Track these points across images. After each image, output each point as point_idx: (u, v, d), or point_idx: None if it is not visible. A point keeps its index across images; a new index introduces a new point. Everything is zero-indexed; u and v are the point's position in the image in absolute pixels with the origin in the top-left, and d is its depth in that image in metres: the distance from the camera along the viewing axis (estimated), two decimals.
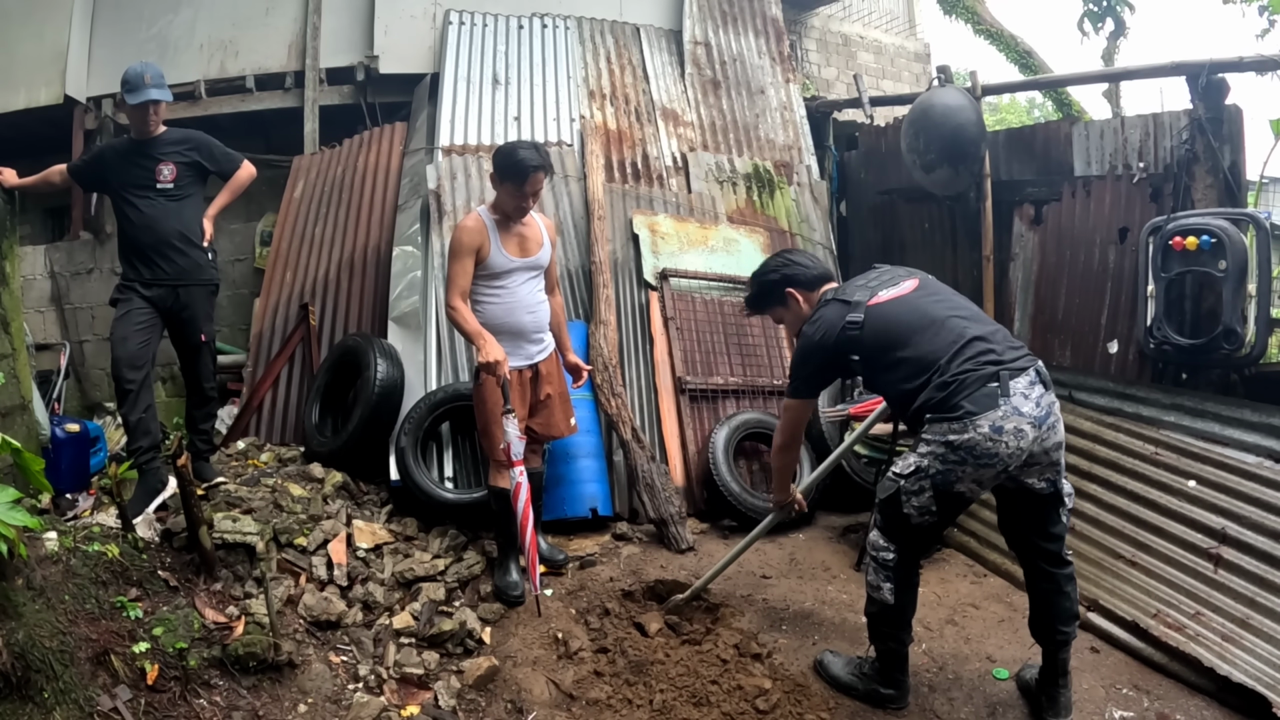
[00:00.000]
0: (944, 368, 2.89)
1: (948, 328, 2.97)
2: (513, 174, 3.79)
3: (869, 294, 3.12)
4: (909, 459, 2.99)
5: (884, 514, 3.07)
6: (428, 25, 7.09)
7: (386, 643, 3.57)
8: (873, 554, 3.12)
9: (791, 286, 3.38)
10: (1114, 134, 5.65)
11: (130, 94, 4.09)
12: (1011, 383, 2.83)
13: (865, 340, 3.06)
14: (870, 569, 3.13)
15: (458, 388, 4.87)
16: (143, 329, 4.10)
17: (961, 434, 2.81)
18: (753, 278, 3.54)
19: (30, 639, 2.70)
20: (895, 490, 2.99)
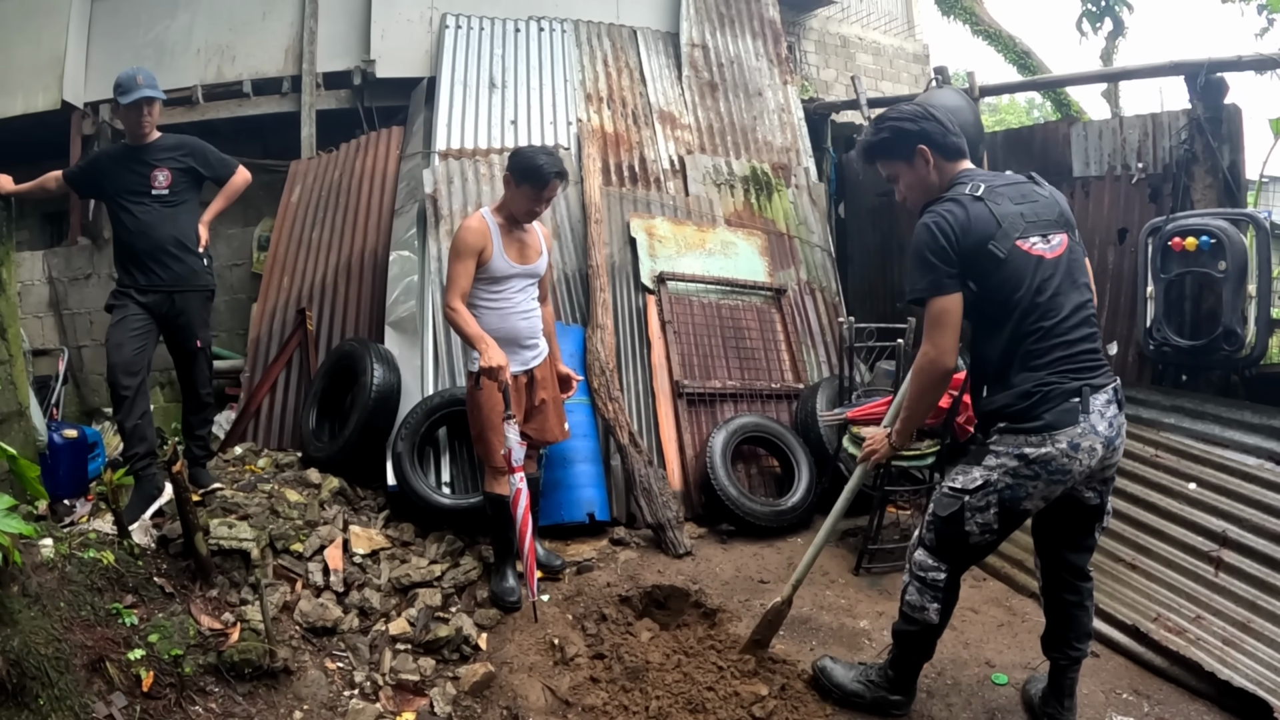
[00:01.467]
0: (1037, 368, 2.71)
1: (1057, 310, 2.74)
2: (532, 178, 3.79)
3: (1019, 230, 2.74)
4: (974, 473, 2.79)
5: (940, 532, 2.88)
6: (424, 29, 7.10)
7: (382, 649, 3.56)
8: (919, 574, 2.94)
9: (926, 144, 2.87)
10: (1113, 134, 5.64)
11: (123, 95, 4.09)
12: (1092, 399, 2.70)
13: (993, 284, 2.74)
14: (913, 589, 2.96)
15: (454, 393, 4.86)
16: (138, 335, 4.09)
17: (1039, 448, 2.68)
18: (882, 120, 2.99)
19: (26, 646, 2.69)
20: (959, 507, 2.80)
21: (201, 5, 7.45)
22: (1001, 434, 2.76)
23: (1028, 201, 2.81)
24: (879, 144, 2.96)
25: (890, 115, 2.98)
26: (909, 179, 2.95)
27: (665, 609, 4.07)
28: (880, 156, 2.99)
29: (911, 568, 2.98)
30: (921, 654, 3.08)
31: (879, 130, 2.97)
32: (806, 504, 5.03)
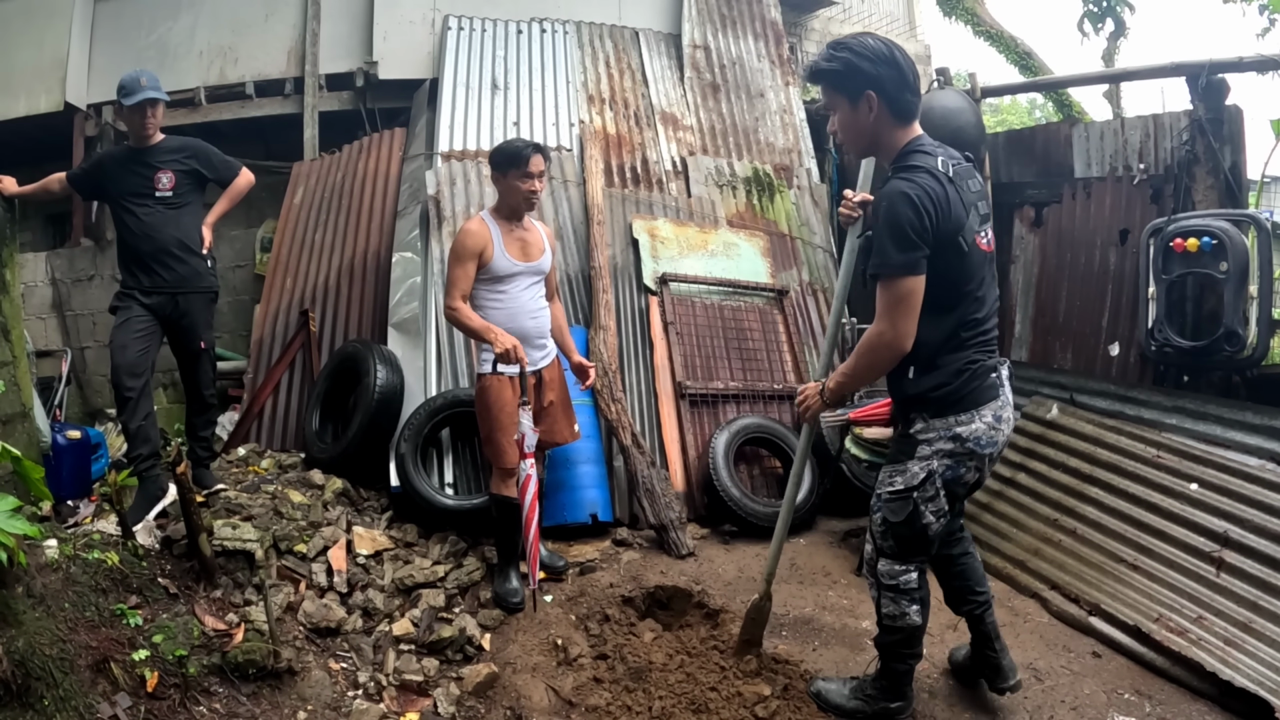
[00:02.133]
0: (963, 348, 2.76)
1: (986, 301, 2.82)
2: (513, 161, 3.85)
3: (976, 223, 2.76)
4: (912, 468, 2.81)
5: (900, 536, 2.88)
6: (427, 31, 7.11)
7: (386, 649, 3.57)
8: (889, 584, 2.94)
9: (876, 90, 2.70)
10: (1114, 135, 5.65)
11: (126, 97, 4.11)
12: (1003, 373, 2.86)
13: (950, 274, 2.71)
14: (887, 601, 2.96)
15: (457, 394, 4.86)
16: (142, 336, 4.11)
17: (969, 424, 2.75)
18: (839, 47, 2.76)
19: (30, 646, 2.70)
20: (913, 507, 2.82)
21: (204, 7, 7.47)
22: (928, 420, 2.79)
23: (975, 191, 2.82)
24: (828, 72, 2.78)
25: (850, 45, 2.76)
26: (845, 119, 2.82)
27: (668, 610, 4.08)
28: (824, 83, 2.84)
29: (880, 581, 2.98)
30: (912, 657, 3.09)
31: (832, 58, 2.76)
32: (809, 505, 5.04)
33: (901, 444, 2.88)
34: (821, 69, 2.79)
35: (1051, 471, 4.59)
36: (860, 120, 2.77)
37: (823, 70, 2.79)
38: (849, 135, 2.86)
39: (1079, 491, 4.40)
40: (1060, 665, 3.53)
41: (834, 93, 2.81)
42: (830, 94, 2.83)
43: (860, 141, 2.86)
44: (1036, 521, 4.44)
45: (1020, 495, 4.64)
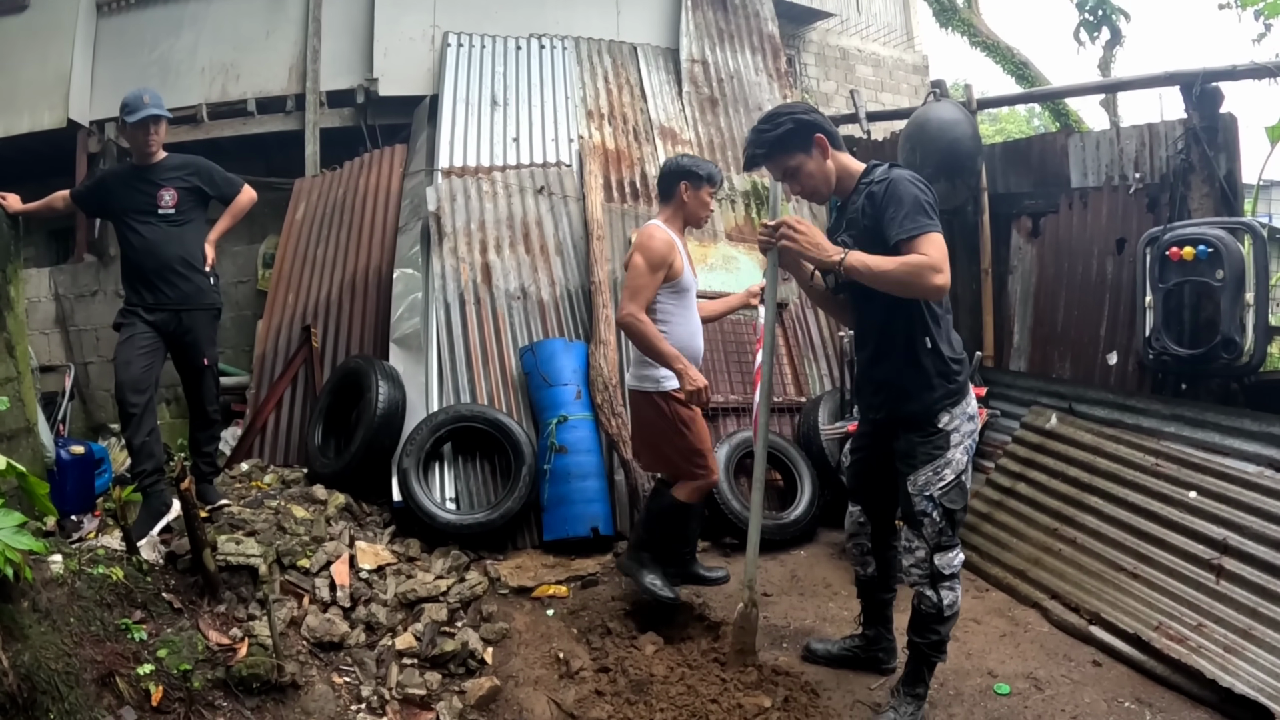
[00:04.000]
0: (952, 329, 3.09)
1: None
2: (711, 179, 3.89)
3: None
4: (954, 456, 2.99)
5: (958, 519, 3.04)
6: (426, 47, 7.17)
7: (389, 663, 3.59)
8: (950, 573, 3.03)
9: (822, 133, 2.99)
10: (1110, 145, 5.67)
11: (130, 114, 4.14)
12: None
13: None
14: (948, 591, 3.04)
15: (459, 409, 4.90)
16: (146, 353, 4.13)
17: (970, 403, 3.04)
18: (774, 116, 3.04)
19: (36, 661, 2.72)
20: (964, 488, 3.03)
21: (206, 24, 7.53)
22: (951, 412, 2.99)
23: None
24: (784, 136, 2.98)
25: (781, 110, 3.07)
26: (812, 168, 3.01)
27: (669, 622, 4.08)
28: (784, 149, 2.99)
29: (939, 575, 3.04)
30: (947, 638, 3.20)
31: (777, 124, 2.99)
32: (809, 517, 5.05)
33: (932, 442, 2.99)
34: (776, 135, 2.99)
35: (1051, 481, 4.61)
36: (822, 164, 3.02)
37: (778, 136, 2.98)
38: (819, 182, 3.03)
39: (1078, 500, 4.41)
40: (1061, 674, 3.54)
41: (794, 152, 2.99)
42: (790, 156, 3.00)
43: (828, 183, 3.05)
44: (1036, 531, 4.46)
45: (1020, 505, 4.65)
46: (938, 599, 3.04)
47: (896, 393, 3.05)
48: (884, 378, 3.09)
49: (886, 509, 3.34)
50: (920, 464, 3.01)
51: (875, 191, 2.89)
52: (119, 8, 7.57)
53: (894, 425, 3.11)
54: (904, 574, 3.17)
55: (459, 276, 5.59)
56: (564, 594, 4.26)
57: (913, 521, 3.05)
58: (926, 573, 3.04)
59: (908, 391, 3.02)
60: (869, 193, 2.93)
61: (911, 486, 3.02)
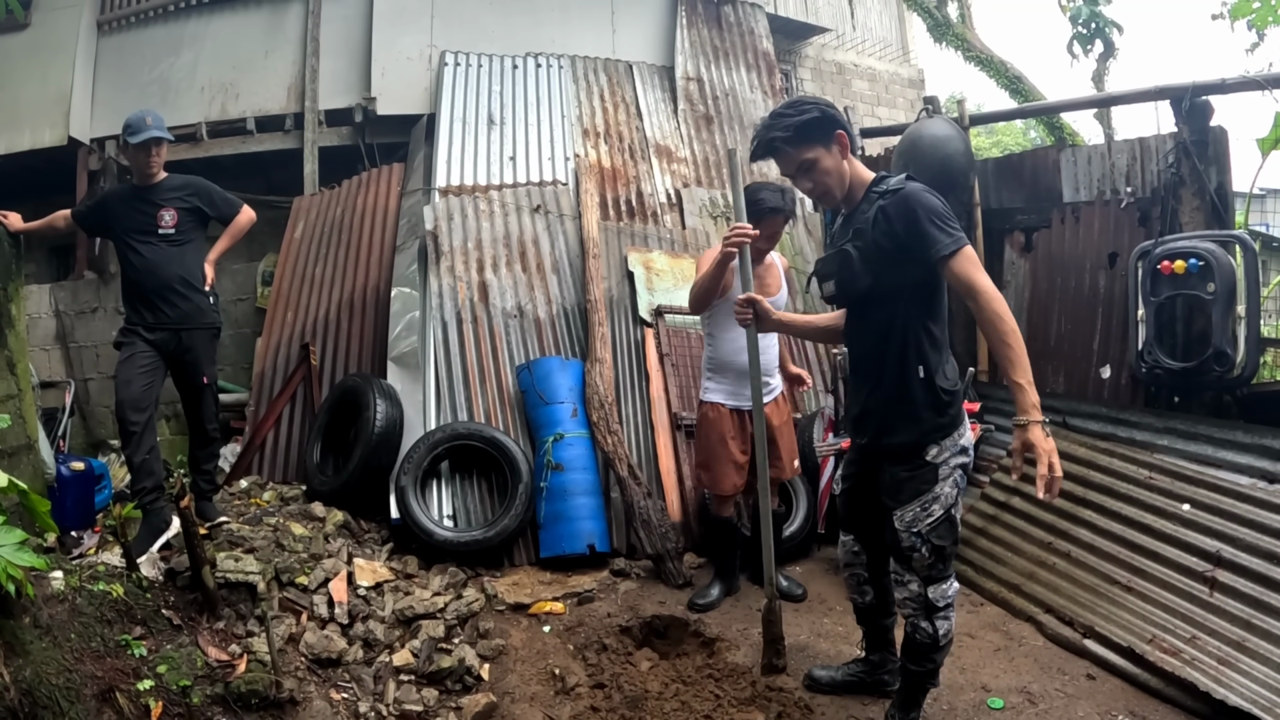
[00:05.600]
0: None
1: None
2: (751, 214, 3.87)
3: None
4: (942, 490, 2.85)
5: (948, 552, 2.92)
6: (424, 67, 7.23)
7: (386, 680, 3.60)
8: (945, 604, 2.96)
9: (844, 131, 2.87)
10: (1101, 159, 5.72)
11: (132, 135, 4.18)
12: None
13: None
14: (943, 620, 2.97)
15: (456, 427, 4.92)
16: (146, 372, 4.16)
17: (965, 433, 2.91)
18: (799, 104, 2.87)
19: (37, 676, 2.74)
20: (954, 523, 2.91)
21: (205, 44, 7.60)
22: (940, 444, 2.85)
23: None
24: (808, 124, 2.82)
25: (806, 99, 2.91)
26: (829, 165, 2.86)
27: (665, 638, 4.11)
28: (805, 138, 2.83)
29: (934, 608, 2.95)
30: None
31: (802, 111, 2.83)
32: (804, 533, 5.07)
33: (919, 476, 2.87)
34: (800, 121, 2.81)
35: None
36: (839, 162, 2.88)
37: (802, 123, 2.81)
38: (834, 182, 2.88)
39: (1072, 514, 4.43)
40: (1055, 688, 3.55)
41: (814, 144, 2.84)
42: (809, 148, 2.84)
43: (842, 185, 2.90)
44: (1030, 545, 4.47)
45: (1014, 519, 4.67)
46: (933, 630, 2.97)
47: (882, 422, 2.95)
48: (872, 405, 2.98)
49: (881, 537, 3.20)
50: (906, 499, 2.89)
51: (889, 205, 2.77)
52: (119, 26, 7.64)
53: (879, 454, 3.00)
54: (897, 605, 3.10)
55: (456, 295, 5.63)
56: (560, 611, 4.28)
57: (901, 556, 2.97)
58: (920, 605, 2.97)
59: (894, 422, 2.91)
60: (881, 205, 2.79)
61: (899, 522, 2.92)
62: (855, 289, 2.86)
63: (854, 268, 2.84)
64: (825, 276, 3.01)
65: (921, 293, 2.83)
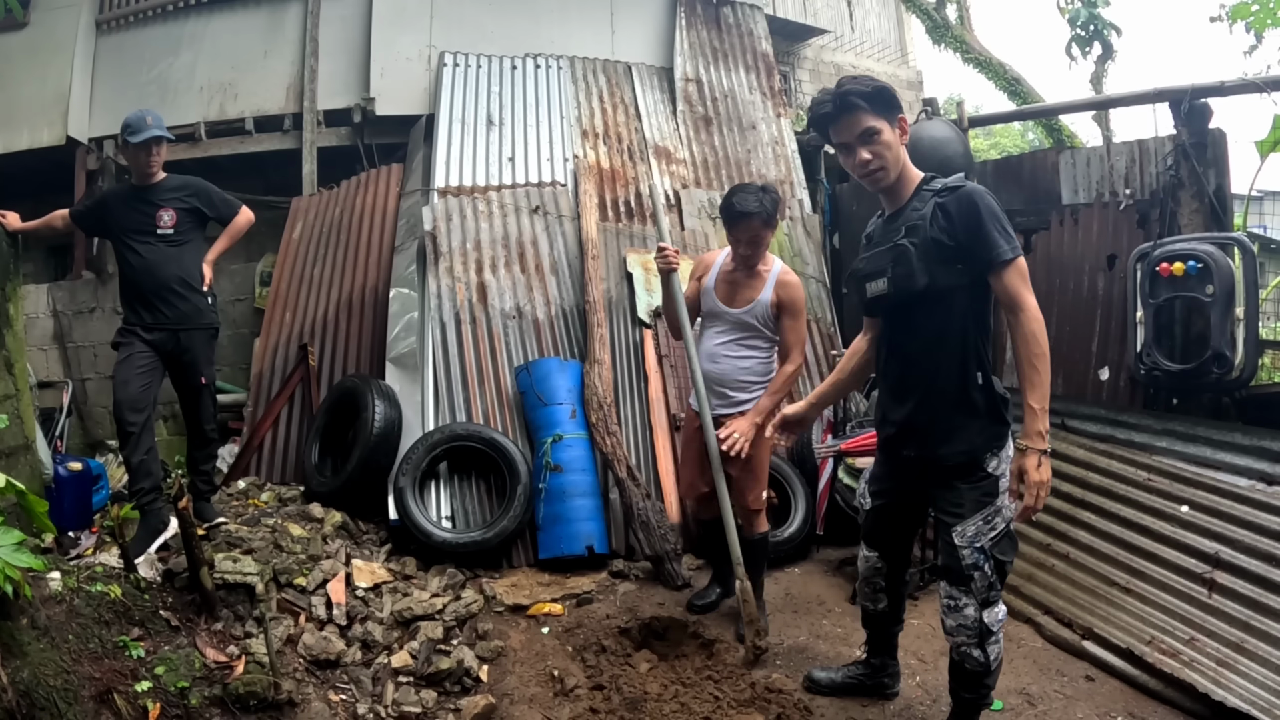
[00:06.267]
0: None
1: None
2: (724, 218, 3.90)
3: None
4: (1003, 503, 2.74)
5: (1004, 574, 2.82)
6: (423, 67, 7.22)
7: (385, 681, 3.59)
8: (997, 628, 2.84)
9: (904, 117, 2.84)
10: (1100, 161, 5.73)
11: (132, 135, 4.18)
12: None
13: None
14: (994, 645, 2.86)
15: (455, 428, 4.92)
16: (144, 372, 4.16)
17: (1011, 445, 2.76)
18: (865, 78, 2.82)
19: (35, 677, 2.73)
20: (1014, 538, 2.81)
21: (204, 44, 7.58)
22: (998, 454, 2.74)
23: None
24: (885, 92, 2.76)
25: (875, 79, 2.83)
26: (890, 139, 2.77)
27: (664, 640, 4.10)
28: (877, 106, 2.74)
29: (987, 629, 2.82)
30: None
31: (874, 84, 2.77)
32: (803, 534, 5.07)
33: (982, 489, 2.75)
34: (875, 89, 2.76)
35: None
36: (898, 143, 2.80)
37: (877, 90, 2.75)
38: (891, 158, 2.79)
39: (1071, 516, 4.43)
40: (1054, 689, 3.56)
41: (881, 114, 2.76)
42: (877, 117, 2.75)
43: (897, 167, 2.81)
44: (1030, 547, 4.47)
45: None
46: (985, 658, 2.84)
47: (936, 432, 2.79)
48: (923, 415, 2.82)
49: (907, 551, 3.21)
50: (969, 513, 2.75)
51: (949, 203, 2.68)
52: (118, 26, 7.63)
53: (932, 468, 2.84)
54: (947, 633, 2.91)
55: (455, 296, 5.63)
56: (559, 612, 4.27)
57: (959, 577, 2.79)
58: (975, 632, 2.81)
59: (951, 432, 2.77)
60: (939, 203, 2.70)
61: (959, 538, 2.76)
62: (911, 287, 2.72)
63: (911, 264, 2.72)
64: (873, 274, 2.87)
65: (976, 294, 2.73)
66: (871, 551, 3.22)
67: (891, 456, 3.04)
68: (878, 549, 3.20)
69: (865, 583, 3.28)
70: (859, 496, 3.09)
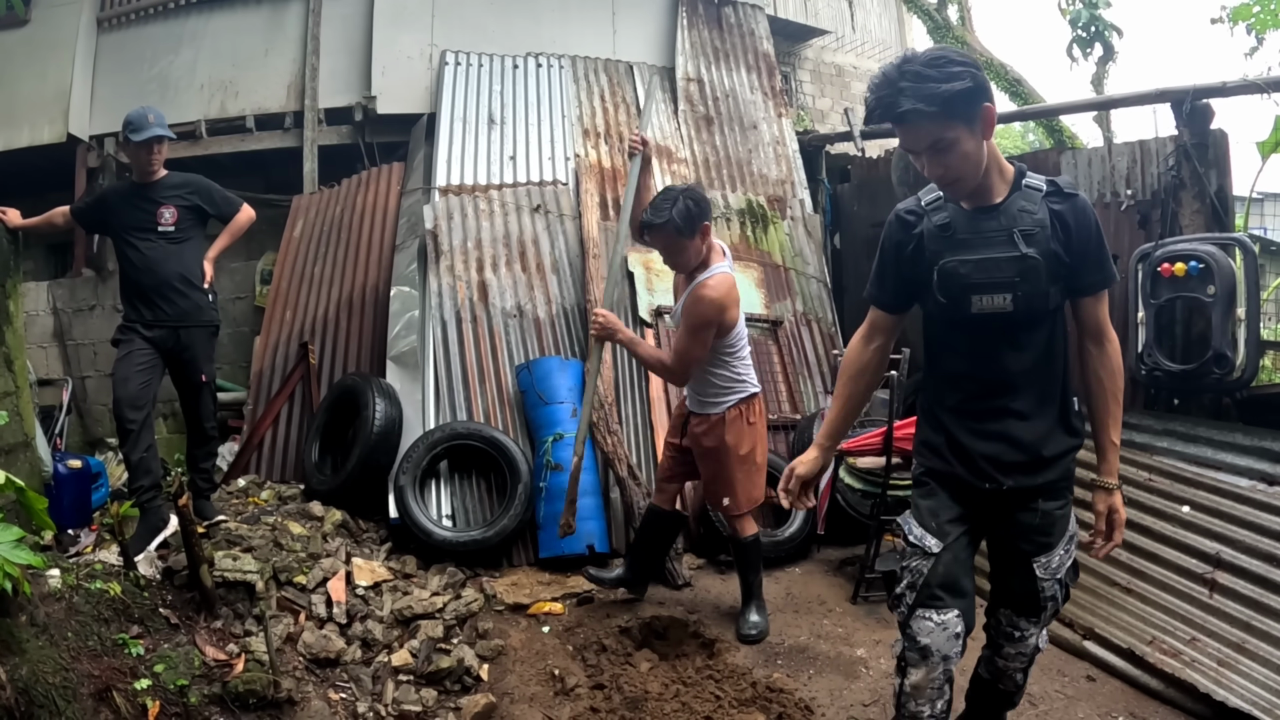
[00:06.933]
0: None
1: None
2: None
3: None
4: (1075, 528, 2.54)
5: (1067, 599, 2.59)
6: (424, 66, 7.21)
7: (385, 680, 3.59)
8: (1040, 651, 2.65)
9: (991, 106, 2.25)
10: (1101, 162, 5.72)
11: (134, 133, 4.17)
12: None
13: None
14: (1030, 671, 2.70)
15: (455, 427, 4.92)
16: (144, 369, 4.15)
17: None
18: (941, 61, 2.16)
19: (34, 675, 2.72)
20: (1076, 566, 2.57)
21: (205, 42, 7.57)
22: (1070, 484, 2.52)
23: None
24: (961, 95, 2.12)
25: (955, 59, 2.17)
26: (970, 147, 2.22)
27: (664, 639, 4.09)
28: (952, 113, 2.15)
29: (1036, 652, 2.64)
30: None
31: (951, 75, 2.12)
32: (804, 534, 5.07)
33: (1068, 512, 2.52)
34: (950, 91, 2.12)
35: None
36: (980, 146, 2.27)
37: (952, 94, 2.12)
38: (971, 167, 2.27)
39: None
40: (1055, 690, 3.55)
41: (957, 121, 2.18)
42: (951, 125, 2.18)
43: (978, 173, 2.30)
44: None
45: None
46: (1025, 679, 2.70)
47: (1037, 457, 2.44)
48: (1033, 441, 2.44)
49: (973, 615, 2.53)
50: (1057, 540, 2.48)
51: (1065, 212, 2.32)
52: (119, 24, 7.62)
53: (1018, 494, 2.46)
54: (1003, 660, 2.64)
55: (456, 294, 5.62)
56: (559, 611, 4.27)
57: (1032, 608, 2.51)
58: (1029, 659, 2.63)
59: (1052, 456, 2.46)
60: (1055, 210, 2.32)
61: (1044, 570, 2.46)
62: (1042, 307, 2.35)
63: (1042, 283, 2.32)
64: (988, 288, 2.36)
65: (1062, 313, 2.46)
66: (947, 612, 2.42)
67: (954, 488, 2.54)
68: (958, 605, 2.44)
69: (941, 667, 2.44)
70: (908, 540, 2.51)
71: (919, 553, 2.47)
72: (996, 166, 2.36)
